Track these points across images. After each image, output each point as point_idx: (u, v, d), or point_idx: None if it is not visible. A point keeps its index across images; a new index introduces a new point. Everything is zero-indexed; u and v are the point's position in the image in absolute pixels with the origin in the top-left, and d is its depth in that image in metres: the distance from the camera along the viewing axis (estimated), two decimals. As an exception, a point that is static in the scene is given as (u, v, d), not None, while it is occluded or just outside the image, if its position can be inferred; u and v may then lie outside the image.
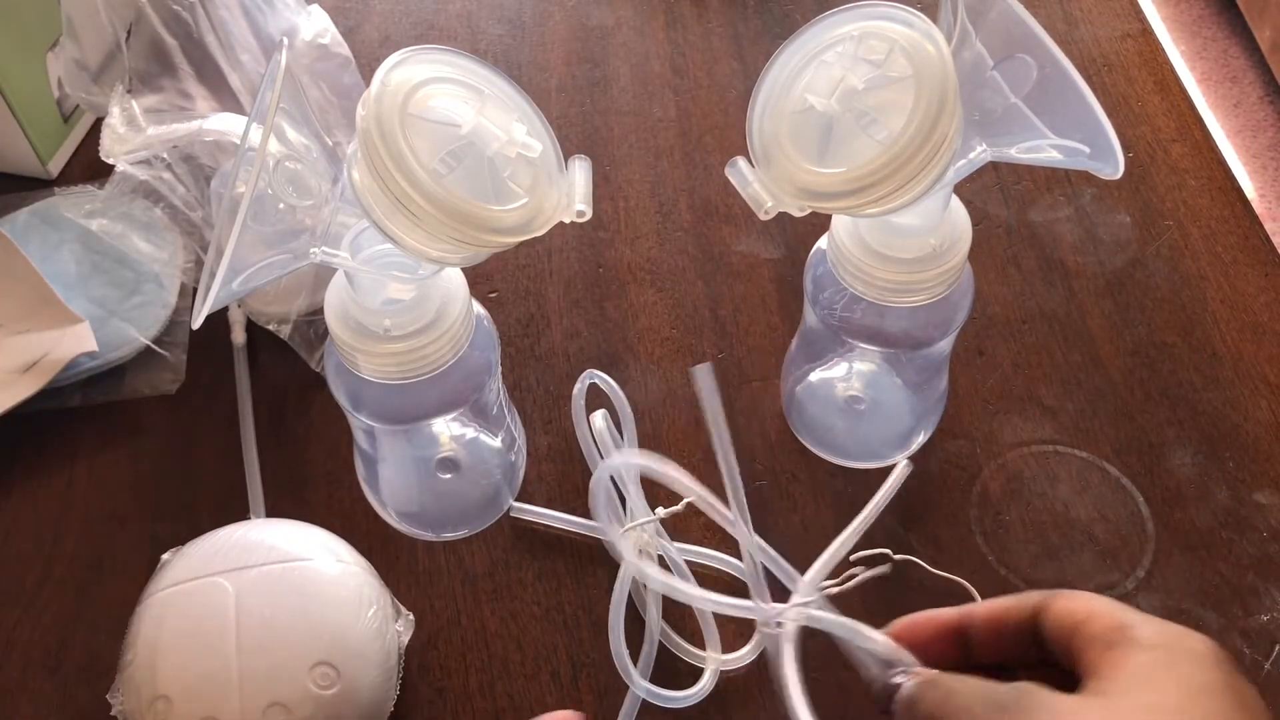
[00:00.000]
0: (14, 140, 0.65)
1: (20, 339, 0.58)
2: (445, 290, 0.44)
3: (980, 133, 0.41)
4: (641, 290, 0.63)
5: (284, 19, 0.59)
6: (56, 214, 0.64)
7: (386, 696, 0.46)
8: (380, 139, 0.37)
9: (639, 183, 0.68)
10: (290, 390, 0.59)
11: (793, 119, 0.41)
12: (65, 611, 0.53)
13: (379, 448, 0.52)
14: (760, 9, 0.78)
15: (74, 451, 0.57)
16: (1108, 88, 0.72)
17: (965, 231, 0.45)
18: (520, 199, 0.39)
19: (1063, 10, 0.76)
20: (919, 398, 0.56)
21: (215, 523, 0.48)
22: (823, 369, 0.58)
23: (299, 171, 0.39)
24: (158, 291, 0.61)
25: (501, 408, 0.53)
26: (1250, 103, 1.73)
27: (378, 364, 0.43)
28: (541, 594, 0.53)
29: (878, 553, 0.53)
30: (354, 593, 0.45)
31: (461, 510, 0.55)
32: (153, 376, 0.59)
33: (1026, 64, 0.39)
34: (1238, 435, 0.57)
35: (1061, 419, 0.57)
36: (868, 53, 0.40)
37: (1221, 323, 0.61)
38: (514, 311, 0.62)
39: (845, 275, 0.46)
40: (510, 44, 0.76)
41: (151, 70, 0.57)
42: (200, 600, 0.44)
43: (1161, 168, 0.68)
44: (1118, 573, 0.53)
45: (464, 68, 0.40)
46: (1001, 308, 0.62)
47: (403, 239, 0.38)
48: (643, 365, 0.60)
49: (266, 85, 0.39)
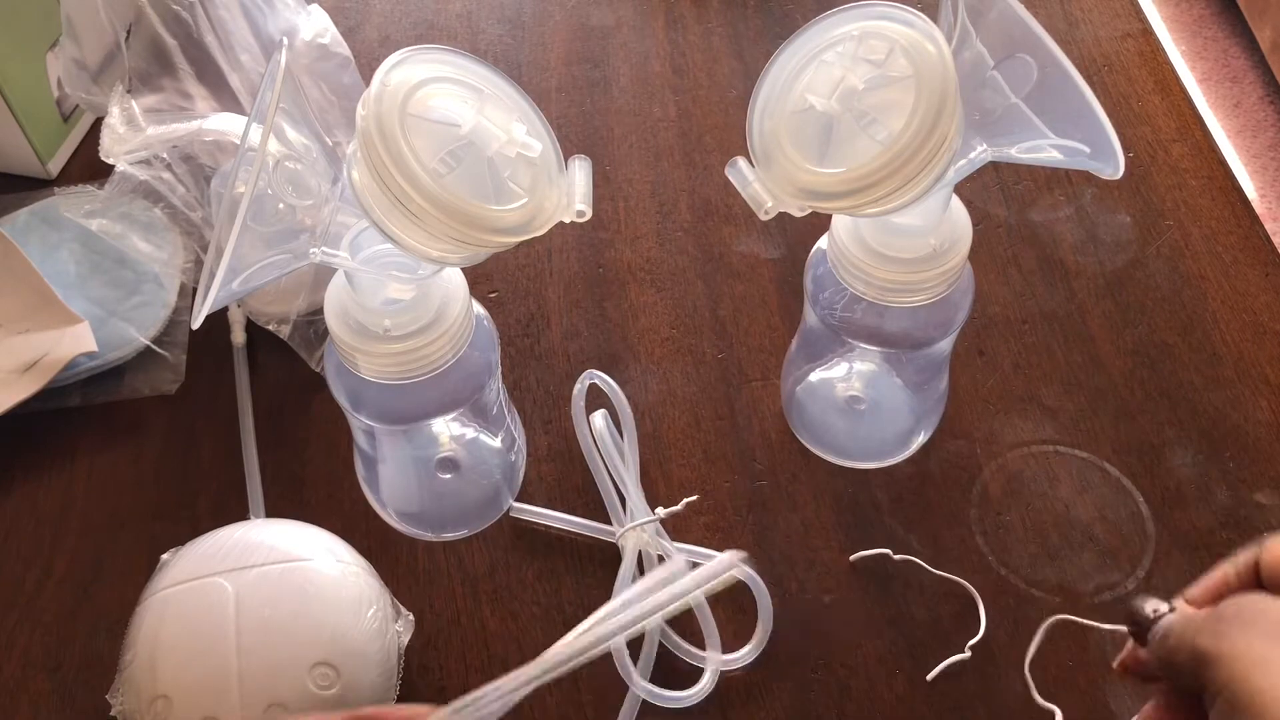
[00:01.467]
0: (14, 140, 0.65)
1: (20, 339, 0.58)
2: (445, 290, 0.44)
3: (980, 133, 0.41)
4: (641, 290, 0.63)
5: (284, 19, 0.59)
6: (56, 214, 0.64)
7: (386, 697, 0.46)
8: (380, 139, 0.37)
9: (639, 183, 0.68)
10: (290, 390, 0.59)
11: (793, 119, 0.41)
12: (65, 611, 0.53)
13: (379, 448, 0.52)
14: (760, 9, 0.78)
15: (74, 451, 0.57)
16: (1108, 88, 0.72)
17: (965, 231, 0.45)
18: (520, 199, 0.39)
19: (1063, 10, 0.76)
20: (919, 398, 0.56)
21: (215, 523, 0.48)
22: (823, 369, 0.58)
23: (299, 171, 0.39)
24: (157, 291, 0.61)
25: (501, 408, 0.52)
26: (1250, 103, 1.72)
27: (377, 364, 0.43)
28: (541, 594, 0.53)
29: (878, 553, 0.53)
30: (354, 593, 0.45)
31: (461, 510, 0.55)
32: (152, 376, 0.59)
33: (1027, 64, 0.39)
34: (1238, 435, 0.57)
35: (1062, 419, 0.57)
36: (868, 52, 0.40)
37: (1222, 323, 0.61)
38: (514, 311, 0.62)
39: (845, 275, 0.46)
40: (510, 44, 0.76)
41: (151, 70, 0.57)
42: (200, 600, 0.44)
43: (1162, 168, 0.68)
44: (1118, 573, 0.53)
45: (464, 67, 0.40)
46: (1002, 308, 0.62)
47: (402, 239, 0.38)
48: (643, 365, 0.60)
49: (266, 85, 0.39)
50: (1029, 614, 0.51)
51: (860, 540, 0.53)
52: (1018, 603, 0.52)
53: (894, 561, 0.52)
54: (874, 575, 0.53)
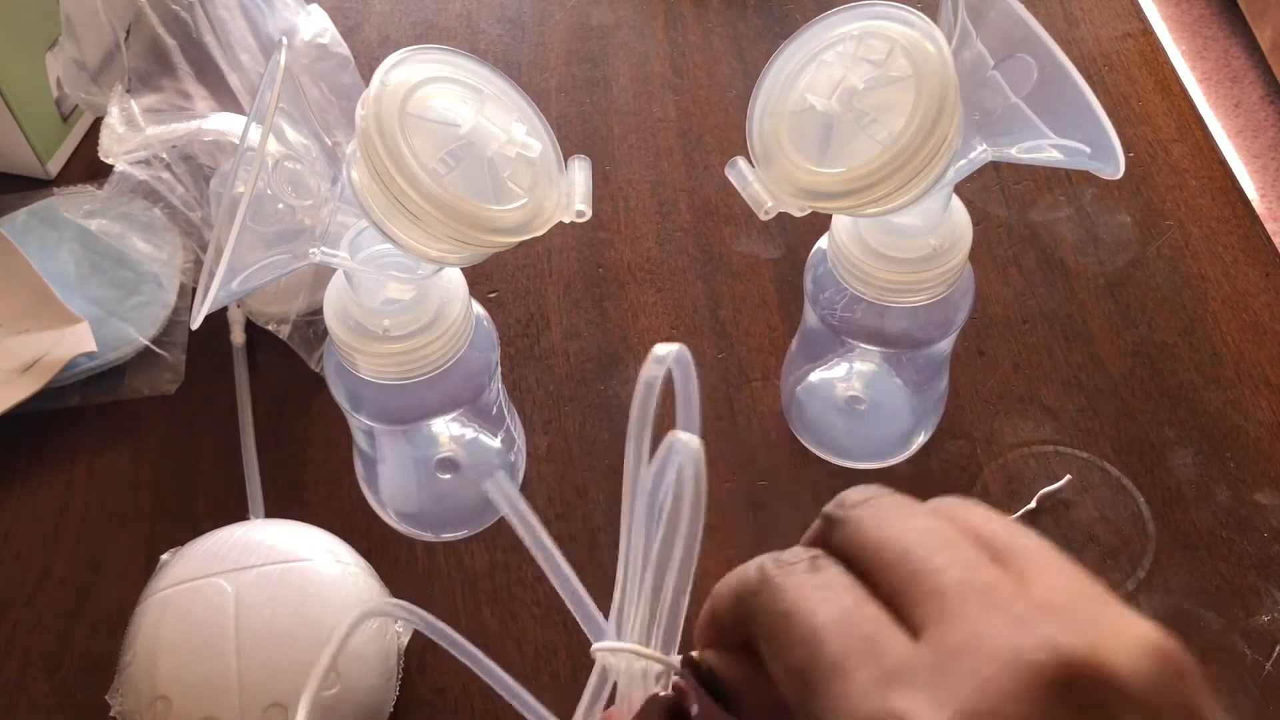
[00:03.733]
0: (13, 140, 0.65)
1: (19, 339, 0.58)
2: (445, 290, 0.44)
3: (980, 133, 0.41)
4: (641, 290, 0.63)
5: (283, 19, 0.59)
6: (55, 214, 0.64)
7: (386, 697, 0.46)
8: (379, 139, 0.37)
9: (639, 183, 0.68)
10: (290, 390, 0.59)
11: (793, 119, 0.41)
12: (65, 611, 0.53)
13: (378, 448, 0.52)
14: (760, 9, 0.78)
15: (73, 451, 0.57)
16: (1108, 88, 0.72)
17: (965, 231, 0.45)
18: (520, 199, 0.39)
19: (1063, 10, 0.76)
20: (919, 398, 0.56)
21: (215, 523, 0.48)
22: (823, 369, 0.58)
23: (298, 171, 0.39)
24: (157, 291, 0.61)
25: (501, 408, 0.52)
26: (1251, 103, 1.72)
27: (377, 364, 0.43)
28: (541, 594, 0.53)
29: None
30: (354, 593, 0.45)
31: (461, 510, 0.55)
32: (152, 376, 0.59)
33: (1027, 64, 0.39)
34: (1238, 435, 0.57)
35: (1062, 419, 0.57)
36: (868, 52, 0.40)
37: (1222, 323, 0.61)
38: (514, 311, 0.62)
39: (845, 275, 0.46)
40: (510, 44, 0.76)
41: (150, 70, 0.57)
42: (200, 601, 0.44)
43: (1162, 168, 0.68)
44: (1118, 573, 0.53)
45: (463, 67, 0.40)
46: (1002, 308, 0.62)
47: (402, 239, 0.38)
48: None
49: (266, 85, 0.39)
50: (1029, 614, 0.51)
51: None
52: (1018, 603, 0.52)
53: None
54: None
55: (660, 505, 0.32)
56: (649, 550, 0.32)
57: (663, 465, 0.32)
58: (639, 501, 0.33)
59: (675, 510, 0.30)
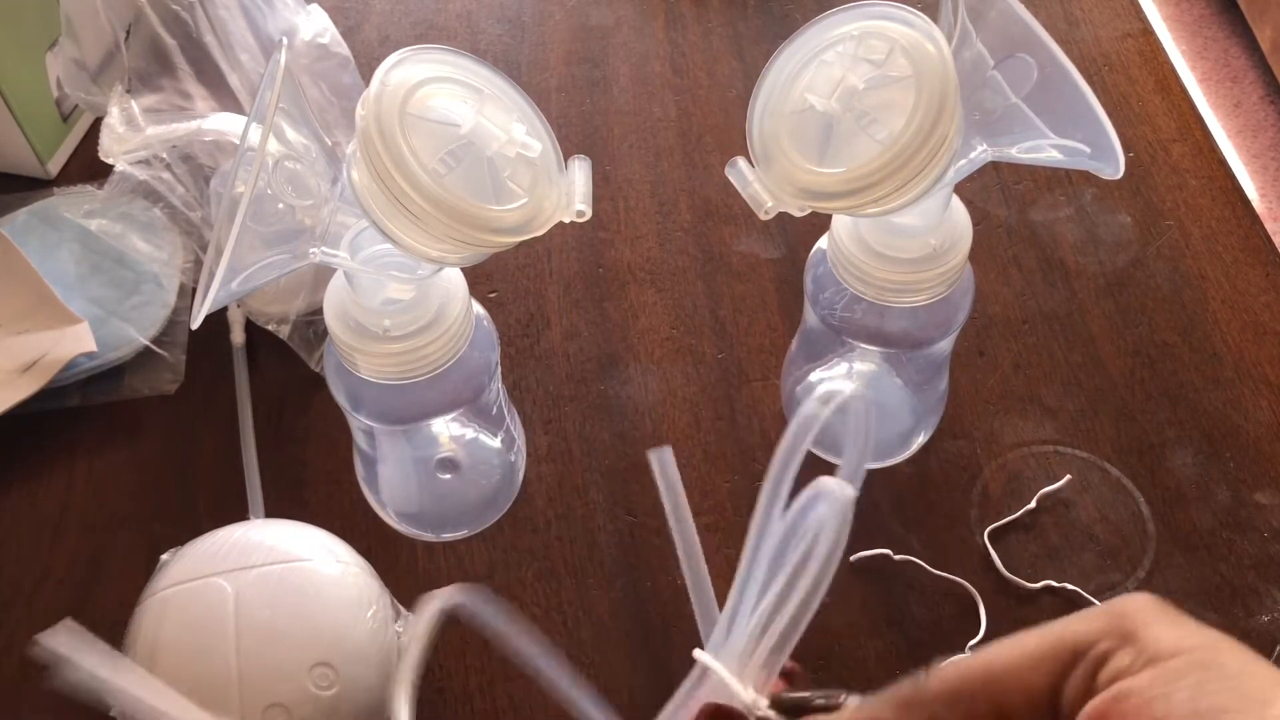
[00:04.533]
0: (13, 140, 0.65)
1: (19, 339, 0.58)
2: (445, 290, 0.44)
3: (980, 133, 0.41)
4: (641, 290, 0.63)
5: (283, 19, 0.59)
6: (55, 214, 0.64)
7: (386, 697, 0.46)
8: (380, 139, 0.37)
9: (639, 183, 0.68)
10: (290, 390, 0.59)
11: (793, 119, 0.41)
12: (65, 611, 0.52)
13: (378, 448, 0.52)
14: (760, 9, 0.78)
15: (73, 451, 0.57)
16: (1108, 88, 0.72)
17: (965, 231, 0.45)
18: (520, 199, 0.39)
19: (1063, 10, 0.76)
20: (919, 398, 0.56)
21: (214, 523, 0.48)
22: (823, 369, 0.58)
23: (298, 171, 0.39)
24: (157, 291, 0.61)
25: (501, 408, 0.52)
26: (1251, 103, 1.72)
27: (377, 364, 0.43)
28: (541, 594, 0.53)
29: (878, 553, 0.53)
30: (354, 593, 0.45)
31: (461, 510, 0.55)
32: (152, 376, 0.59)
33: (1027, 64, 0.39)
34: (1238, 435, 0.57)
35: (1062, 419, 0.57)
36: (868, 52, 0.40)
37: (1222, 323, 0.61)
38: (514, 311, 0.62)
39: (845, 275, 0.46)
40: (510, 44, 0.76)
41: (151, 70, 0.57)
42: (199, 601, 0.44)
43: (1162, 168, 0.68)
44: (1118, 573, 0.53)
45: (463, 67, 0.40)
46: (1002, 308, 0.62)
47: (402, 239, 0.38)
48: (643, 365, 0.60)
49: (266, 85, 0.39)
50: (1029, 614, 0.51)
51: (860, 540, 0.53)
52: (1018, 603, 0.52)
53: (894, 562, 0.52)
54: (874, 575, 0.53)
55: (792, 539, 0.32)
56: (770, 580, 0.32)
57: (807, 504, 0.32)
58: (768, 537, 0.33)
59: (810, 553, 0.30)
